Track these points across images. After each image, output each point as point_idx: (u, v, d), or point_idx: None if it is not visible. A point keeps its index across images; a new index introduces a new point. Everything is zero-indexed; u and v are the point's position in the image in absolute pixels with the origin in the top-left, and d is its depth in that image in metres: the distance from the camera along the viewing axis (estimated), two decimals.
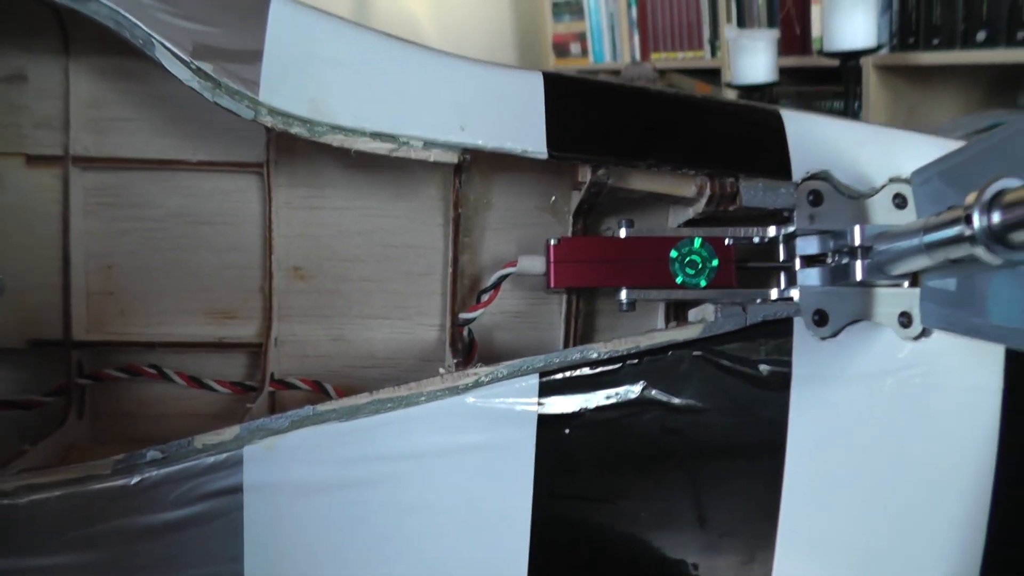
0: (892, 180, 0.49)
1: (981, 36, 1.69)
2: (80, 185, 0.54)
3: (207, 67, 0.42)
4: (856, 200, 0.48)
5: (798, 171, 0.48)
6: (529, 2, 3.12)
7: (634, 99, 0.48)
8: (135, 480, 0.42)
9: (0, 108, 0.53)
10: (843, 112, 1.71)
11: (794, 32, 2.05)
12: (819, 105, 2.02)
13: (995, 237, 0.37)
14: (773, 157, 0.48)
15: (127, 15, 0.42)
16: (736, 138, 0.48)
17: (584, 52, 2.78)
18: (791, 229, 0.48)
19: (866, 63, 1.75)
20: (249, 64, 0.43)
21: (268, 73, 0.42)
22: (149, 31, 0.42)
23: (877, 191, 0.49)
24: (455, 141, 0.44)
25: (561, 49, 2.91)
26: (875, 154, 0.49)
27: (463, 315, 0.52)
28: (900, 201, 0.49)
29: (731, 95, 2.09)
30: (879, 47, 1.65)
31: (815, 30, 2.04)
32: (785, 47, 2.08)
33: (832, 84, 1.96)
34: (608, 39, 2.68)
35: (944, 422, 0.49)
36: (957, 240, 0.38)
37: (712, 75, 2.26)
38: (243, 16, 0.44)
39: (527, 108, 0.45)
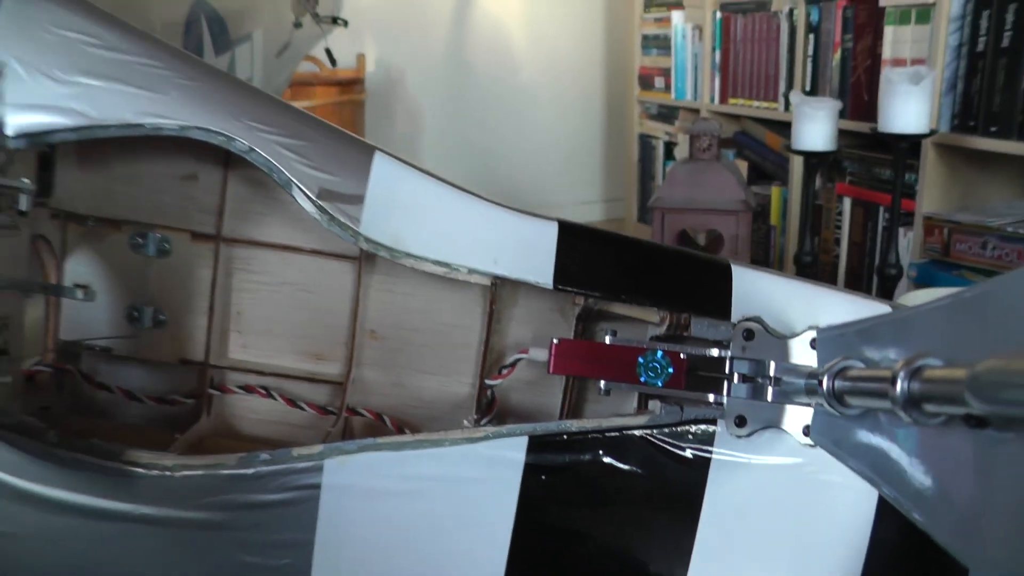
0: (810, 327, 0.66)
1: None
2: (225, 256, 0.76)
3: (326, 206, 0.62)
4: (780, 340, 0.66)
5: (738, 313, 0.66)
6: (621, 32, 3.28)
7: (624, 247, 0.67)
8: (251, 471, 0.63)
9: (178, 197, 0.75)
10: (892, 187, 1.82)
11: (862, 98, 2.16)
12: (878, 172, 2.12)
13: (836, 398, 0.55)
14: (719, 301, 0.66)
15: (276, 163, 0.62)
16: (693, 284, 0.66)
17: (667, 88, 2.92)
18: (729, 354, 0.66)
19: (925, 141, 1.84)
20: (355, 205, 0.63)
21: (367, 213, 0.62)
22: (290, 176, 0.62)
23: (797, 335, 0.66)
24: (489, 271, 0.64)
25: (646, 82, 3.06)
26: (800, 306, 0.67)
27: (488, 381, 0.72)
28: (815, 344, 0.66)
29: (796, 161, 2.21)
30: (931, 132, 1.75)
31: None
32: (852, 111, 2.19)
33: None
34: (691, 78, 2.82)
35: (830, 510, 0.67)
36: (816, 393, 0.56)
37: (784, 128, 2.37)
38: (354, 168, 0.64)
39: (542, 250, 0.64)
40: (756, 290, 0.67)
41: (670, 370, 0.68)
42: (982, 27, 1.83)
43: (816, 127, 1.88)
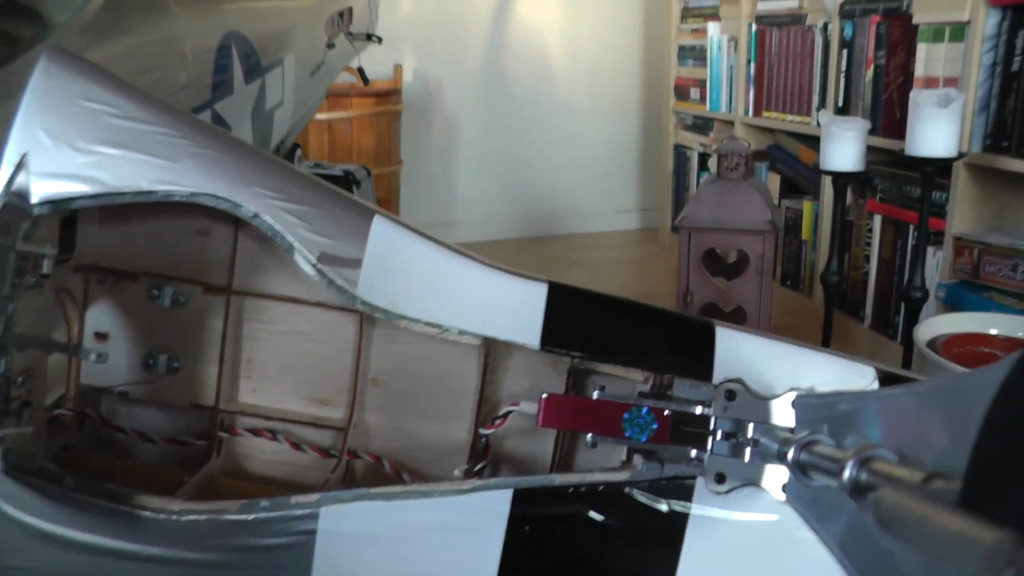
0: (791, 389, 0.68)
1: None
2: (236, 307, 0.80)
3: (326, 269, 0.66)
4: (761, 401, 0.68)
5: (721, 373, 0.69)
6: (657, 42, 3.28)
7: (610, 309, 0.70)
8: (252, 516, 0.67)
9: (193, 250, 0.80)
10: (919, 208, 1.80)
11: (895, 116, 2.15)
12: (909, 191, 2.11)
13: (800, 468, 0.58)
14: (702, 363, 0.68)
15: (279, 229, 0.66)
16: (676, 346, 0.69)
17: (702, 99, 2.92)
18: (711, 413, 0.69)
19: (956, 162, 1.82)
20: (353, 269, 0.66)
21: (364, 276, 0.66)
22: (292, 241, 0.66)
23: (778, 396, 0.68)
24: (478, 332, 0.67)
25: (681, 92, 3.06)
26: (782, 367, 0.69)
27: (482, 430, 0.76)
28: (795, 406, 0.69)
29: (827, 182, 2.19)
30: (960, 155, 1.74)
31: None
32: (884, 129, 2.18)
33: None
34: (726, 90, 2.81)
35: (805, 567, 0.68)
36: (784, 459, 0.59)
37: (817, 142, 2.36)
38: (353, 232, 0.67)
39: (531, 311, 0.67)
40: (738, 351, 0.69)
41: (654, 426, 0.71)
42: (1017, 47, 1.81)
43: (845, 147, 1.87)
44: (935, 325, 1.68)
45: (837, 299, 2.32)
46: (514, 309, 0.67)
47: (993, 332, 1.68)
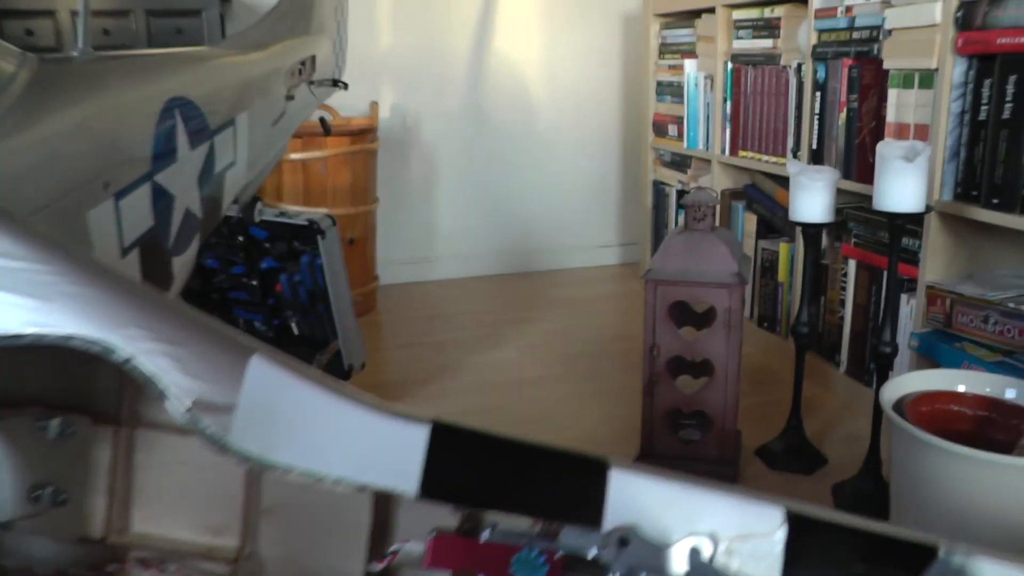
0: (690, 534, 0.66)
1: None
2: (124, 436, 0.78)
3: (197, 416, 0.63)
4: (656, 548, 0.65)
5: (613, 518, 0.66)
6: (637, 79, 3.26)
7: (496, 452, 0.67)
8: None
9: (81, 379, 0.77)
10: (888, 261, 1.77)
11: (867, 160, 2.12)
12: (882, 236, 2.08)
13: None
14: (592, 508, 0.66)
15: (152, 375, 0.64)
16: (563, 491, 0.66)
17: (680, 136, 2.90)
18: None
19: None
20: (225, 415, 0.64)
21: (237, 423, 0.63)
22: (164, 387, 0.64)
23: (675, 543, 0.65)
24: (354, 480, 0.64)
25: (660, 128, 3.04)
26: (680, 511, 0.66)
27: (370, 566, 0.73)
28: (694, 554, 0.66)
29: (798, 230, 2.17)
30: (928, 210, 1.71)
31: None
32: (858, 173, 2.15)
33: None
34: (703, 128, 2.79)
35: None
36: None
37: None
38: (228, 374, 0.65)
39: (410, 457, 0.65)
40: (633, 494, 0.66)
41: (545, 568, 0.68)
42: (984, 96, 1.78)
43: (813, 197, 1.85)
44: (903, 384, 1.65)
45: (813, 343, 2.29)
46: (392, 455, 0.65)
47: (961, 389, 1.65)
